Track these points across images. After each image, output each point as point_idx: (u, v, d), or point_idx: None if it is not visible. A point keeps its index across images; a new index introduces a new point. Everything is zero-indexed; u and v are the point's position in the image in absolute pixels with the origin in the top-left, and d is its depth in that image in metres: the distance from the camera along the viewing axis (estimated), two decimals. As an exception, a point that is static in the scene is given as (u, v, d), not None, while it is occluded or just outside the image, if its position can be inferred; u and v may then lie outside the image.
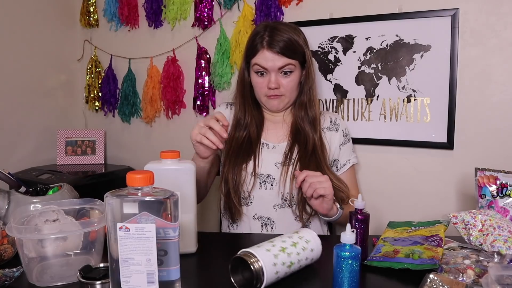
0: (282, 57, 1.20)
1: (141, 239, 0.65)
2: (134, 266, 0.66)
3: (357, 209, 0.90)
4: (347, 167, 1.32)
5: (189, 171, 0.93)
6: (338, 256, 0.73)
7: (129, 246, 0.65)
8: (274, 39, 1.20)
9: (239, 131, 1.28)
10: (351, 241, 0.73)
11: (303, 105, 1.29)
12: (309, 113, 1.28)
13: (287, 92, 1.25)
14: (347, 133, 1.36)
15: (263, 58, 1.21)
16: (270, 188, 1.23)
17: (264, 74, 1.24)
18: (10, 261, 0.87)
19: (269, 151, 1.27)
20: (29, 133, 1.93)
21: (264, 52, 1.21)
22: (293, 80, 1.24)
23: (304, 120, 1.28)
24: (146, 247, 0.65)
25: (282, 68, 1.21)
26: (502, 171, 1.03)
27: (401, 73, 1.43)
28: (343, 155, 1.32)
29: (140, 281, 0.66)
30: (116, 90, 2.03)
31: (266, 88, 1.24)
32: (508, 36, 1.29)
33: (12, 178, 1.05)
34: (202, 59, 1.78)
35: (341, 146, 1.32)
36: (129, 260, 0.66)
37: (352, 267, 0.72)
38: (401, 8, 1.42)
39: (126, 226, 0.64)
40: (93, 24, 2.06)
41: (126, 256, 0.65)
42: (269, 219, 1.23)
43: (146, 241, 0.65)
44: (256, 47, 1.23)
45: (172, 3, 1.80)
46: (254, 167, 1.23)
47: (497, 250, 0.85)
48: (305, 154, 1.23)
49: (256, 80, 1.26)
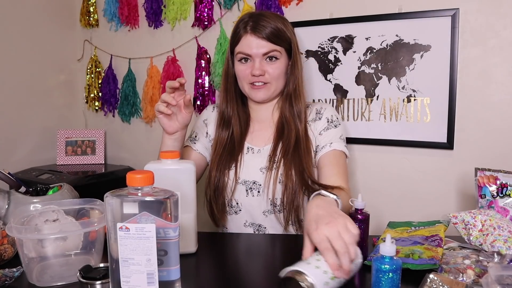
0: (267, 42, 1.13)
1: (141, 239, 0.65)
2: (134, 266, 0.65)
3: (357, 209, 0.90)
4: (326, 150, 1.17)
5: (189, 171, 0.93)
6: (378, 270, 0.68)
7: (129, 246, 0.65)
8: (258, 23, 1.14)
9: (222, 131, 1.22)
10: (392, 253, 0.68)
11: (288, 96, 1.21)
12: (295, 106, 1.20)
13: (273, 79, 1.17)
14: (334, 120, 1.22)
15: (246, 44, 1.15)
16: (258, 195, 1.17)
17: (248, 60, 1.17)
18: (10, 261, 0.87)
19: (253, 156, 1.20)
20: (29, 133, 1.93)
21: (248, 37, 1.14)
22: (278, 67, 1.17)
23: (289, 113, 1.20)
24: (146, 247, 0.65)
25: (267, 54, 1.15)
26: (502, 171, 1.03)
27: (401, 73, 1.43)
28: (324, 139, 1.19)
29: (140, 281, 0.66)
30: (116, 90, 2.03)
31: (250, 76, 1.16)
32: (508, 36, 1.29)
33: (12, 178, 1.04)
34: (202, 59, 1.78)
35: (323, 131, 1.20)
36: (129, 260, 0.65)
37: (393, 281, 0.67)
38: (401, 8, 1.42)
39: (126, 226, 0.64)
40: (93, 24, 2.06)
41: (126, 256, 0.65)
42: (261, 226, 1.19)
43: (146, 241, 0.65)
44: (239, 33, 1.16)
45: (172, 3, 1.80)
46: (236, 173, 1.17)
47: (497, 250, 0.85)
48: (287, 150, 1.15)
49: (239, 68, 1.19)
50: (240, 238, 1.14)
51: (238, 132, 1.22)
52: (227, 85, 1.24)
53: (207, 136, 1.28)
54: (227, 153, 1.20)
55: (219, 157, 1.19)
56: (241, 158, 1.19)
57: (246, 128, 1.24)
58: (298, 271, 0.70)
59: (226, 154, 1.19)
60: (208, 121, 1.30)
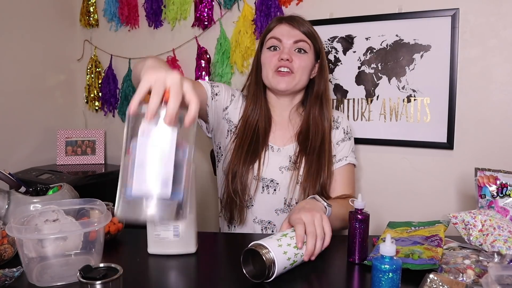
0: (299, 33, 1.18)
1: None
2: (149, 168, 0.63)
3: (357, 209, 0.90)
4: (342, 163, 1.24)
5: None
6: (377, 269, 0.68)
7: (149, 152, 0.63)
8: (294, 18, 1.20)
9: (247, 125, 1.21)
10: (392, 253, 0.68)
11: (318, 98, 1.23)
12: (325, 109, 1.22)
13: (299, 70, 1.18)
14: (349, 132, 1.29)
15: (279, 31, 1.19)
16: (273, 193, 1.18)
17: (277, 49, 1.19)
18: (10, 261, 0.87)
19: (274, 154, 1.21)
20: (29, 133, 1.93)
21: (282, 26, 1.19)
22: (305, 60, 1.19)
23: (319, 114, 1.22)
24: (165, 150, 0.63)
25: (297, 42, 1.18)
26: (502, 171, 1.03)
27: (401, 73, 1.43)
28: (341, 152, 1.25)
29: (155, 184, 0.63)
30: (116, 90, 2.03)
31: (277, 61, 1.17)
32: (508, 36, 1.29)
33: (12, 178, 1.04)
34: (202, 59, 1.78)
35: (340, 142, 1.26)
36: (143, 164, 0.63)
37: (393, 281, 0.67)
38: (401, 8, 1.42)
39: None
40: (93, 24, 2.06)
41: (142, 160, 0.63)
42: (270, 223, 1.20)
43: (167, 145, 0.63)
44: (273, 24, 1.21)
45: (172, 3, 1.80)
46: (259, 170, 1.17)
47: (497, 250, 0.85)
48: (311, 153, 1.18)
49: (266, 55, 1.20)
50: (240, 239, 1.14)
51: (262, 128, 1.22)
52: (257, 78, 1.25)
53: (223, 105, 1.25)
54: (253, 148, 1.19)
55: (245, 154, 1.18)
56: (263, 155, 1.20)
57: (269, 125, 1.24)
58: (261, 244, 0.79)
59: (252, 150, 1.19)
60: (234, 100, 1.27)
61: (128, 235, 1.06)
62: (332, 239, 0.90)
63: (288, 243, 0.82)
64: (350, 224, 0.89)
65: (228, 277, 0.86)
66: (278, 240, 0.82)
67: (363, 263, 0.87)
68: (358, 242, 0.88)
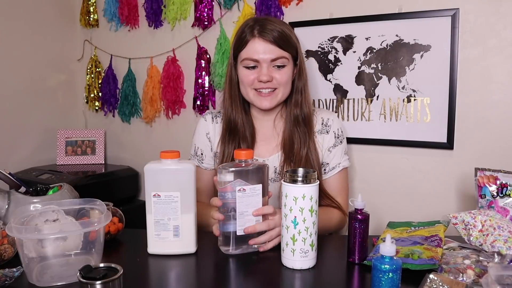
0: (275, 48, 1.10)
1: (253, 196, 0.92)
2: (248, 217, 0.92)
3: (357, 209, 0.90)
4: (336, 171, 1.22)
5: (189, 171, 0.93)
6: (377, 269, 0.68)
7: (245, 202, 0.91)
8: (266, 27, 1.09)
9: (229, 144, 1.18)
10: (392, 253, 0.67)
11: (298, 105, 1.18)
12: (303, 113, 1.18)
13: (281, 85, 1.14)
14: (340, 134, 1.25)
15: (253, 49, 1.10)
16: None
17: (255, 67, 1.13)
18: (10, 261, 0.87)
19: None
20: (29, 133, 1.93)
21: (255, 42, 1.10)
22: (286, 73, 1.14)
23: (297, 122, 1.18)
24: (256, 202, 0.92)
25: (275, 60, 1.11)
26: (502, 171, 1.03)
27: (401, 73, 1.43)
28: (333, 159, 1.23)
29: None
30: (116, 90, 2.03)
31: (256, 82, 1.12)
32: (508, 36, 1.29)
33: (12, 178, 1.04)
34: (202, 59, 1.78)
35: (331, 148, 1.23)
36: (244, 213, 0.91)
37: (393, 281, 0.67)
38: (401, 8, 1.42)
39: (243, 188, 0.90)
40: (93, 24, 2.06)
41: (242, 210, 0.91)
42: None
43: (257, 197, 0.92)
44: (245, 38, 1.11)
45: (172, 3, 1.80)
46: None
47: (497, 250, 0.85)
48: (298, 162, 1.16)
49: (244, 73, 1.14)
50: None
51: (246, 142, 1.19)
52: (232, 91, 1.20)
53: (211, 150, 1.27)
54: None
55: None
56: None
57: (253, 138, 1.22)
58: None
59: None
60: (211, 135, 1.27)
61: (128, 235, 1.06)
62: (332, 239, 0.90)
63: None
64: (350, 224, 0.89)
65: (228, 277, 0.86)
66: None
67: (363, 263, 0.87)
68: (358, 242, 0.88)
